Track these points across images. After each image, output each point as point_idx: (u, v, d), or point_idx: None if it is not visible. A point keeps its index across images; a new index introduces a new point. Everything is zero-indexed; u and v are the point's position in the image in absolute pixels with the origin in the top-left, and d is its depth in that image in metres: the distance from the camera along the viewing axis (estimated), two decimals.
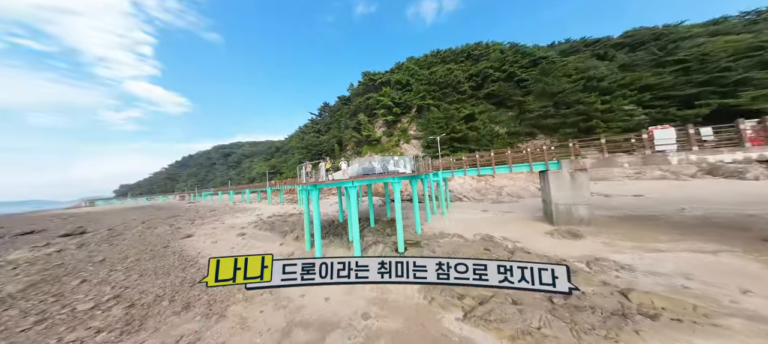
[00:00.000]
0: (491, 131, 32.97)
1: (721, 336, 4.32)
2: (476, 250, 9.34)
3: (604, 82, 33.31)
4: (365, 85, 46.84)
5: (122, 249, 14.58)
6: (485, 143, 31.66)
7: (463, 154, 26.46)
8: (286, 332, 5.62)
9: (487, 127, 33.33)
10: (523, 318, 5.31)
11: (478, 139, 32.23)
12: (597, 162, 11.97)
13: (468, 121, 33.97)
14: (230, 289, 7.88)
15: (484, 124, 33.46)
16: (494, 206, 18.55)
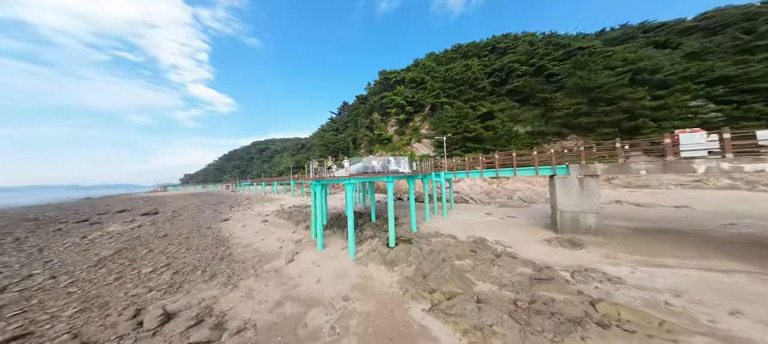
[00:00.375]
0: (509, 131, 30.58)
1: None
2: (463, 251, 9.52)
3: (660, 73, 28.57)
4: (381, 83, 46.87)
5: (178, 228, 17.81)
6: (502, 143, 29.56)
7: (476, 154, 25.66)
8: (280, 303, 6.79)
9: (506, 126, 30.96)
10: (480, 315, 5.63)
11: (495, 138, 30.31)
12: (610, 168, 10.95)
13: (485, 119, 32.13)
14: (246, 268, 9.49)
15: (503, 123, 31.25)
16: (500, 210, 17.82)
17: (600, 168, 10.96)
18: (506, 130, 31.00)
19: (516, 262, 8.52)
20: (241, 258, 10.57)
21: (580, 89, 30.59)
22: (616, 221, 13.37)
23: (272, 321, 5.97)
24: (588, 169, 11.12)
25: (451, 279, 7.47)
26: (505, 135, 30.79)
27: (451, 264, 8.45)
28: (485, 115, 31.96)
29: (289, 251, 10.67)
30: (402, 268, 8.63)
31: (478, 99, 35.62)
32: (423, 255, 9.34)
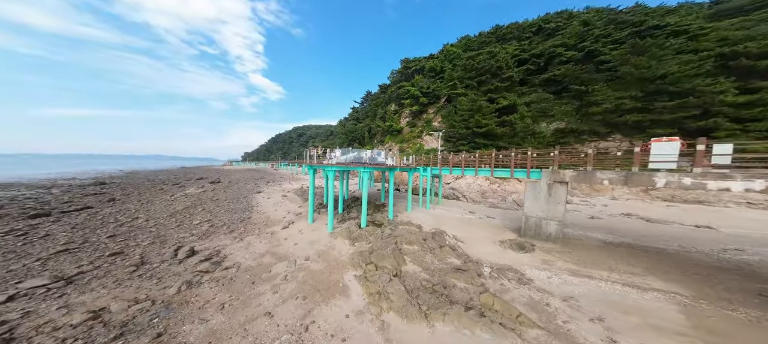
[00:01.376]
0: (526, 127, 27.22)
1: (494, 331, 5.03)
2: (416, 238, 10.57)
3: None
4: (402, 72, 45.45)
5: (227, 195, 22.65)
6: (518, 141, 26.68)
7: (486, 151, 24.33)
8: (262, 254, 9.25)
9: (525, 121, 27.54)
10: (387, 285, 7.00)
11: (510, 135, 27.82)
12: (577, 175, 10.28)
13: (505, 113, 29.33)
14: (254, 228, 12.42)
15: (522, 119, 28.03)
16: (487, 210, 17.51)
17: (568, 175, 10.40)
18: (523, 127, 27.68)
19: (452, 254, 9.33)
20: (255, 221, 13.67)
21: (635, 80, 24.96)
22: (594, 232, 12.40)
23: (251, 265, 8.41)
24: (557, 174, 10.67)
25: (388, 257, 8.83)
26: (522, 132, 27.58)
27: (397, 247, 9.74)
28: (505, 109, 28.92)
29: (288, 220, 13.32)
30: (360, 245, 10.28)
31: (500, 90, 32.13)
32: (382, 237, 10.80)
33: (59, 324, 4.96)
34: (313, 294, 6.71)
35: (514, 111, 29.03)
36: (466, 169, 15.37)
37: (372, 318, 5.80)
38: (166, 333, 4.89)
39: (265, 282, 7.31)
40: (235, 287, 6.95)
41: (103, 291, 6.46)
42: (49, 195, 20.94)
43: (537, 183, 11.27)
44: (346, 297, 6.70)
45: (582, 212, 17.67)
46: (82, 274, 7.43)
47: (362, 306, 6.28)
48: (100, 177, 38.19)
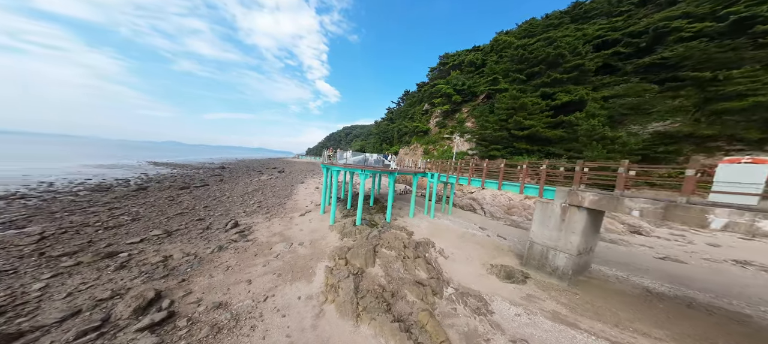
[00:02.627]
0: (593, 130, 19.59)
1: None
2: (398, 245, 10.35)
3: None
4: (439, 69, 41.20)
5: (281, 183, 27.96)
6: (579, 148, 19.75)
7: (531, 158, 20.33)
8: (274, 234, 11.39)
9: (592, 121, 19.86)
10: (343, 280, 7.56)
11: (568, 139, 20.81)
12: (600, 200, 7.56)
13: (566, 111, 22.54)
14: (283, 212, 15.17)
15: (589, 118, 20.28)
16: (505, 228, 14.57)
17: (588, 198, 7.88)
18: (588, 129, 19.64)
19: (423, 267, 8.83)
20: (286, 207, 16.63)
21: None
22: (642, 277, 8.79)
23: (263, 241, 10.58)
24: (574, 196, 8.25)
25: (361, 257, 9.25)
26: (585, 136, 19.92)
27: (374, 249, 10.01)
28: (566, 106, 22.33)
29: (307, 209, 15.56)
30: (347, 240, 11.10)
31: (561, 83, 24.65)
32: (367, 237, 11.25)
33: (149, 260, 8.02)
34: (287, 274, 7.99)
35: (581, 107, 21.61)
36: (474, 178, 13.51)
37: (315, 305, 6.52)
38: (188, 279, 7.14)
39: (263, 257, 9.16)
40: (243, 256, 9.07)
41: (178, 244, 9.76)
42: (197, 174, 31.41)
43: (548, 205, 9.02)
44: (309, 282, 7.65)
45: (655, 249, 12.63)
46: (178, 230, 11.34)
47: (315, 294, 7.08)
48: (224, 164, 53.76)
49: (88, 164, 36.15)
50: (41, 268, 6.89)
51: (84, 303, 5.43)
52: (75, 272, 6.87)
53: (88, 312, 5.11)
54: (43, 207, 13.54)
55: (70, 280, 6.44)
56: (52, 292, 5.80)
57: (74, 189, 18.59)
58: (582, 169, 8.45)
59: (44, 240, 8.90)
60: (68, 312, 5.01)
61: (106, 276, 6.80)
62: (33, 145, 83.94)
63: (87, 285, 6.30)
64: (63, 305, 5.32)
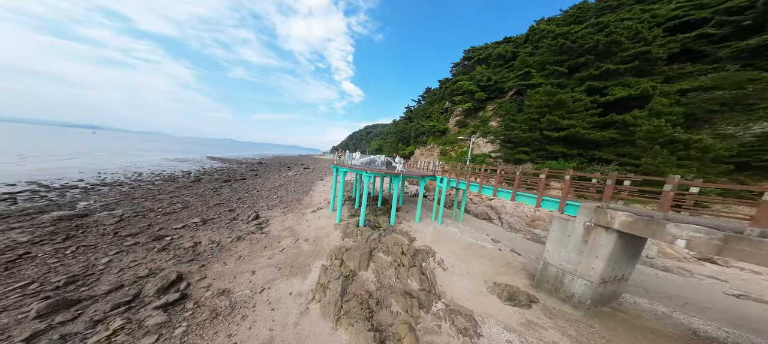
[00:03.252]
0: (657, 131, 14.91)
1: None
2: (395, 250, 10.14)
3: None
4: (463, 64, 37.79)
5: (305, 178, 30.04)
6: (637, 153, 15.70)
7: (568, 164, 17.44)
8: (286, 228, 12.34)
9: (655, 121, 15.37)
10: (333, 281, 7.77)
11: (625, 141, 16.75)
12: (634, 222, 5.91)
13: (620, 108, 18.43)
14: (298, 208, 16.30)
15: (653, 116, 15.86)
16: (522, 242, 12.60)
17: (619, 219, 6.33)
18: (651, 130, 15.26)
19: (417, 277, 8.44)
20: (303, 202, 17.82)
21: None
22: (695, 316, 6.71)
23: (275, 234, 11.57)
24: (602, 215, 6.77)
25: (356, 258, 9.33)
26: (646, 137, 15.60)
27: (372, 252, 9.98)
28: (624, 102, 18.04)
29: (319, 206, 16.41)
30: (347, 240, 11.33)
31: (618, 75, 20.09)
32: (367, 239, 11.27)
33: (183, 245, 9.55)
34: (286, 268, 8.59)
35: (643, 103, 17.35)
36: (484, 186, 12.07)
37: (302, 303, 6.87)
38: (206, 265, 8.28)
39: (271, 249, 10.02)
40: (255, 247, 10.09)
41: (209, 231, 11.38)
42: (239, 169, 36.12)
43: (568, 222, 7.65)
44: (304, 279, 8.09)
45: (731, 283, 9.65)
46: (212, 219, 13.23)
47: (305, 291, 7.45)
48: (262, 159, 60.45)
49: (167, 158, 45.00)
50: (111, 245, 8.84)
51: (127, 279, 6.77)
52: (131, 251, 8.62)
53: (127, 287, 6.35)
54: (130, 193, 17.33)
55: (126, 257, 8.11)
56: (112, 267, 7.39)
57: (153, 179, 23.29)
58: (614, 183, 6.82)
59: (121, 222, 11.40)
60: (114, 285, 6.32)
61: (150, 256, 8.36)
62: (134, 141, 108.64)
63: (136, 262, 7.85)
64: (113, 278, 6.74)
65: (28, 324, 4.62)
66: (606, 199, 6.87)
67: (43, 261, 7.19)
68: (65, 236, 9.05)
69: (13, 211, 11.23)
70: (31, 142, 52.71)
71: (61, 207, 12.61)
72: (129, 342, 4.52)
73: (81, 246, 8.48)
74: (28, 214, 11.02)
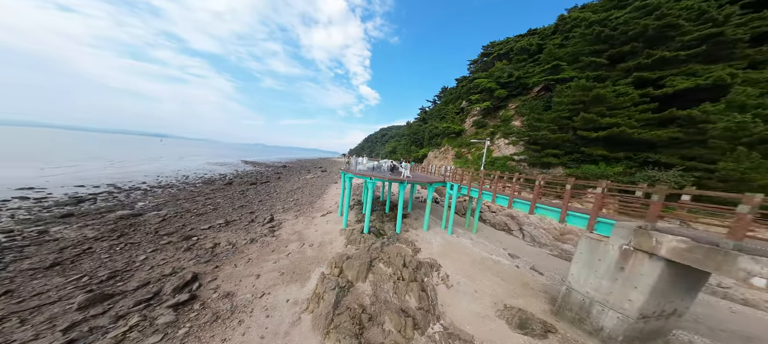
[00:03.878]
0: (741, 128, 11.42)
1: None
2: (396, 261, 9.69)
3: None
4: (481, 61, 34.56)
5: (320, 181, 31.24)
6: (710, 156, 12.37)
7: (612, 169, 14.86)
8: (295, 232, 12.88)
9: (735, 118, 11.78)
10: (329, 290, 7.76)
11: (696, 141, 13.33)
12: (690, 250, 4.47)
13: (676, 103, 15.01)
14: (309, 211, 16.94)
15: (727, 111, 12.59)
16: (545, 259, 10.84)
17: (669, 244, 4.95)
18: (727, 128, 11.90)
19: (416, 294, 7.91)
20: (315, 206, 18.48)
21: None
22: None
23: (284, 238, 12.15)
24: (645, 238, 5.43)
25: (355, 268, 9.18)
26: (726, 136, 12.12)
27: (372, 262, 9.75)
28: (687, 94, 14.70)
29: (329, 211, 16.80)
30: (350, 248, 11.29)
31: (677, 62, 16.43)
32: (369, 248, 11.06)
33: (205, 246, 10.63)
34: (288, 274, 8.89)
35: (717, 95, 13.71)
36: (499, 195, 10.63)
37: (296, 312, 6.99)
38: (220, 266, 9.04)
39: (277, 253, 10.52)
40: (264, 250, 10.71)
41: (229, 233, 12.49)
42: (266, 172, 39.45)
43: (599, 243, 6.40)
44: (302, 286, 8.26)
45: None
46: (234, 221, 14.54)
47: (301, 299, 7.58)
48: (286, 163, 64.99)
49: (210, 162, 51.69)
50: (151, 243, 10.28)
51: (154, 277, 7.73)
52: (164, 249, 9.89)
53: (151, 285, 7.24)
54: (176, 195, 20.15)
55: (159, 255, 9.32)
56: (145, 264, 8.55)
57: (195, 182, 26.80)
58: (661, 199, 5.42)
59: (163, 221, 13.25)
60: (142, 282, 7.26)
61: (177, 255, 9.47)
62: (191, 147, 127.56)
63: (165, 261, 8.95)
64: (144, 275, 7.76)
65: (70, 315, 5.56)
66: (651, 218, 5.49)
67: (98, 255, 8.66)
68: (120, 233, 10.83)
69: (91, 210, 13.94)
70: (117, 149, 65.71)
71: (124, 207, 15.23)
72: (139, 339, 5.08)
73: (129, 243, 10.03)
74: (100, 213, 13.55)
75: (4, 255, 7.80)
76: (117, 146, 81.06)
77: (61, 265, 7.56)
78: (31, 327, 5.01)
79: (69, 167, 28.88)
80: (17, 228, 10.22)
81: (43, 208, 13.39)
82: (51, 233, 10.15)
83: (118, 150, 63.51)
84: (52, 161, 32.16)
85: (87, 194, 17.64)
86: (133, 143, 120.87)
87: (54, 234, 10.00)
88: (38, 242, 8.97)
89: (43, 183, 19.28)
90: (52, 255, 7.95)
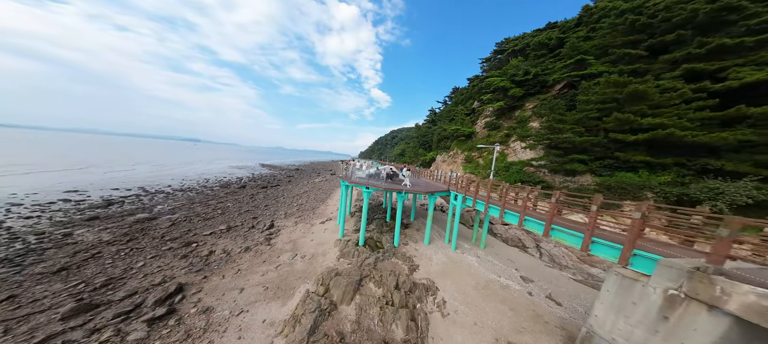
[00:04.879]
0: None
1: None
2: (388, 281, 8.90)
3: None
4: (496, 58, 31.90)
5: (327, 185, 31.37)
6: None
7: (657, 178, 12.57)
8: (289, 241, 12.70)
9: None
10: (311, 311, 7.24)
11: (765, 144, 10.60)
12: None
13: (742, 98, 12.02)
14: (309, 217, 16.80)
15: None
16: (557, 282, 9.02)
17: (742, 297, 3.49)
18: None
19: (404, 324, 7.04)
20: (317, 212, 18.34)
21: None
22: None
23: (278, 247, 12.00)
24: (705, 285, 4.02)
25: (342, 287, 8.56)
26: None
27: (361, 281, 9.05)
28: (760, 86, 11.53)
29: (328, 218, 16.50)
30: (342, 262, 10.73)
31: (739, 51, 13.25)
32: (361, 264, 10.37)
33: (201, 253, 10.85)
34: (272, 290, 8.57)
35: None
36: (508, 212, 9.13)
37: (269, 335, 6.56)
38: (208, 276, 9.04)
39: (268, 264, 10.33)
40: (255, 260, 10.60)
41: (227, 240, 12.72)
42: (279, 175, 41.01)
43: (635, 282, 5.04)
44: (283, 304, 7.85)
45: None
46: (236, 227, 14.90)
47: (279, 320, 7.15)
48: (299, 166, 67.32)
49: (231, 165, 55.51)
50: (153, 249, 10.75)
51: (142, 286, 7.89)
52: (164, 255, 10.25)
53: (137, 295, 7.36)
54: (193, 198, 21.53)
55: (156, 262, 9.65)
56: (141, 272, 8.84)
57: (213, 186, 28.60)
58: (734, 234, 4.00)
59: (172, 226, 13.99)
60: (130, 292, 7.42)
61: (173, 262, 9.72)
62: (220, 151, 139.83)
63: (160, 268, 9.21)
64: (135, 284, 7.97)
65: (51, 326, 5.73)
66: (717, 258, 4.07)
67: (103, 261, 9.19)
68: (130, 238, 11.55)
69: (116, 213, 15.27)
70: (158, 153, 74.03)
71: (144, 211, 16.50)
72: None
73: (135, 248, 10.60)
74: (122, 216, 14.78)
75: (27, 258, 8.58)
76: (158, 151, 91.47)
77: (67, 270, 8.07)
78: (12, 339, 5.19)
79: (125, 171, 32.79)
80: (49, 230, 11.39)
81: (78, 211, 14.96)
82: (74, 236, 11.13)
83: (161, 154, 71.43)
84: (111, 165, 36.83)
85: (118, 197, 19.57)
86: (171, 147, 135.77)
87: (76, 238, 10.93)
88: (59, 245, 9.82)
89: (88, 186, 21.87)
90: (64, 260, 8.57)
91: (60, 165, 32.94)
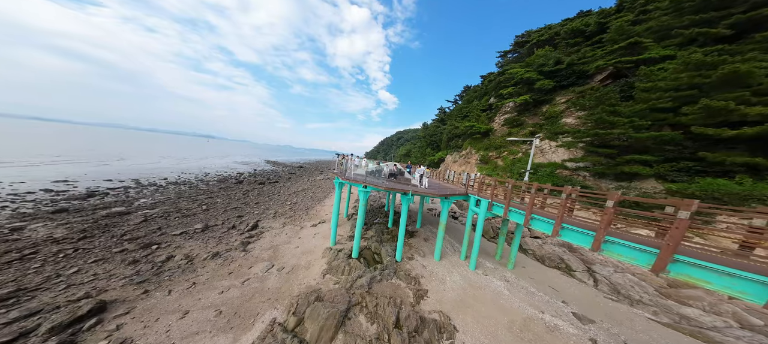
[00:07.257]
0: None
1: None
2: (390, 315, 6.48)
3: None
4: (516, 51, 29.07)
5: (327, 184, 29.36)
6: None
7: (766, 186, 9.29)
8: (270, 247, 10.55)
9: None
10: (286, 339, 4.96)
11: None
12: None
13: None
14: (301, 218, 14.68)
15: None
16: (631, 324, 6.07)
17: None
18: None
19: None
20: (310, 213, 16.22)
21: None
22: None
23: (254, 255, 9.84)
24: None
25: (321, 321, 6.23)
26: None
27: (348, 314, 6.68)
28: None
29: (322, 220, 14.30)
30: (328, 279, 8.40)
31: None
32: (352, 285, 7.96)
33: (156, 259, 8.92)
34: (225, 317, 6.35)
35: None
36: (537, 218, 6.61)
37: None
38: (150, 291, 7.01)
39: (234, 277, 8.19)
40: (219, 271, 8.50)
41: (197, 242, 10.79)
42: (280, 172, 39.72)
43: None
44: (235, 341, 5.63)
45: None
46: (214, 226, 13.02)
47: None
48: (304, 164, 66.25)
49: (236, 161, 55.22)
50: (102, 251, 8.96)
51: (53, 302, 5.96)
52: (110, 259, 8.40)
53: (36, 317, 5.40)
54: (182, 191, 20.13)
55: (95, 268, 7.79)
56: (67, 281, 6.97)
57: (210, 180, 27.39)
58: None
59: (143, 222, 12.32)
60: (27, 312, 5.48)
61: (115, 270, 7.82)
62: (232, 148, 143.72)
63: (93, 277, 7.31)
64: (47, 299, 6.07)
65: None
66: None
67: (30, 264, 7.44)
68: (85, 235, 9.88)
69: (88, 206, 13.89)
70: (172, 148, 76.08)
71: (123, 204, 15.10)
72: None
73: (81, 248, 8.87)
74: (95, 209, 13.36)
75: None
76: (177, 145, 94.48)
77: None
78: None
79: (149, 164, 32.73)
80: (1, 222, 9.99)
81: (52, 202, 13.74)
82: (25, 231, 9.63)
83: (173, 149, 73.25)
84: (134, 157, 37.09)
85: (105, 188, 18.48)
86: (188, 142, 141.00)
87: (25, 233, 9.42)
88: None
89: (82, 176, 21.14)
90: None
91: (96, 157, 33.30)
